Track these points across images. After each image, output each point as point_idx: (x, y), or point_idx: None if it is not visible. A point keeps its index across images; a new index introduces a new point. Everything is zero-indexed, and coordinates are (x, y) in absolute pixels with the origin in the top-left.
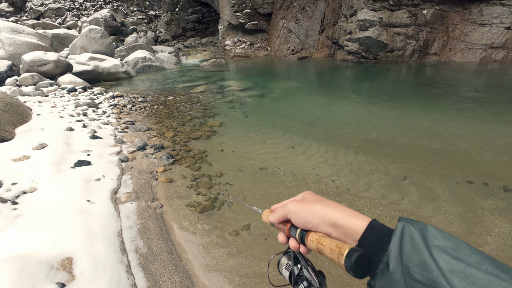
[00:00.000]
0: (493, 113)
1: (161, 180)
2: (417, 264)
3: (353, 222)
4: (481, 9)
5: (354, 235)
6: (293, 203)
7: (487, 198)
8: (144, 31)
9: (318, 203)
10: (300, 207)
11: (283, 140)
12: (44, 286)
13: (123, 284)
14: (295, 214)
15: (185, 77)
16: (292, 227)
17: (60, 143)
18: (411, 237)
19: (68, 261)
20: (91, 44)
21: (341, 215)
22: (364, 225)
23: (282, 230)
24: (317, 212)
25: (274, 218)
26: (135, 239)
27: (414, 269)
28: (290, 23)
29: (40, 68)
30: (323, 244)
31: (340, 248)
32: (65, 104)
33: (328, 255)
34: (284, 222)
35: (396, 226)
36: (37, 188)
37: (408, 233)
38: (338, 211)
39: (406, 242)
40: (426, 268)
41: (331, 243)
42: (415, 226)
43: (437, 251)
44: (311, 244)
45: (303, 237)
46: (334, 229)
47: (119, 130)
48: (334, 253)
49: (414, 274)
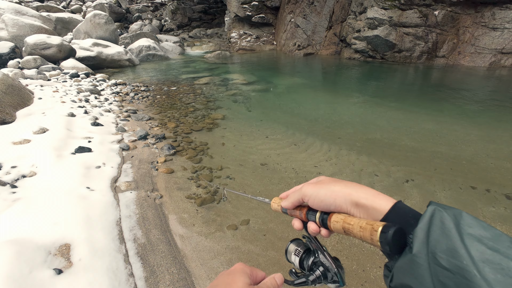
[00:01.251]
0: (500, 120)
1: (162, 170)
2: (445, 250)
3: (377, 202)
4: (494, 13)
5: (377, 215)
6: (309, 186)
7: (490, 205)
8: (149, 19)
9: (337, 184)
10: (318, 190)
11: (285, 136)
12: (42, 271)
13: (121, 273)
14: (314, 197)
15: (189, 68)
16: (310, 211)
17: (61, 129)
18: (442, 222)
19: (66, 247)
20: (95, 29)
21: (364, 195)
22: (388, 205)
23: (298, 216)
24: (338, 193)
25: (288, 203)
26: (133, 229)
27: (441, 254)
28: (297, 18)
29: (43, 51)
30: (351, 223)
31: (373, 225)
32: (67, 89)
33: (357, 233)
34: (299, 207)
35: (426, 210)
36: (37, 173)
37: (438, 218)
38: (360, 190)
39: (435, 226)
40: (455, 255)
41: (360, 222)
42: (448, 212)
43: (470, 240)
44: (335, 225)
45: (325, 219)
46: (357, 209)
47: (121, 118)
48: (365, 230)
49: (440, 260)
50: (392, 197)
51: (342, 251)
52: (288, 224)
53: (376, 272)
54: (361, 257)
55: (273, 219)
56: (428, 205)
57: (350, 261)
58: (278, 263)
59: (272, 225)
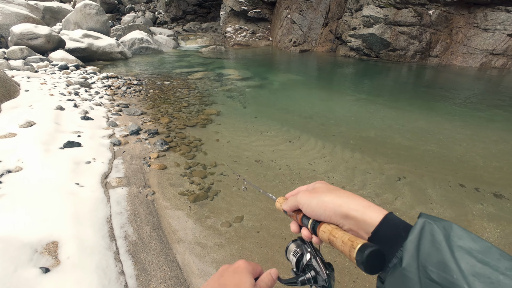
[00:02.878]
0: (489, 120)
1: (154, 166)
2: (435, 263)
3: (367, 214)
4: (486, 14)
5: (367, 227)
6: (303, 195)
7: (478, 202)
8: (142, 11)
9: (329, 194)
10: (311, 199)
11: (280, 133)
12: (27, 270)
13: (111, 271)
14: (306, 206)
15: (183, 62)
16: (304, 217)
17: (49, 122)
18: (432, 235)
19: (54, 245)
20: (86, 20)
21: (354, 207)
22: (379, 217)
23: (295, 218)
24: (328, 204)
25: (286, 207)
26: (124, 226)
27: (432, 268)
28: (294, 14)
29: (30, 41)
30: (335, 236)
31: (353, 242)
32: (56, 81)
33: (339, 247)
34: (297, 211)
35: (416, 222)
36: (23, 168)
37: (428, 231)
38: (351, 202)
39: (425, 239)
40: (446, 269)
41: (343, 236)
42: (438, 224)
43: (460, 252)
44: (323, 235)
45: (315, 227)
46: (347, 221)
47: (112, 113)
48: (346, 246)
49: (430, 273)
50: (384, 208)
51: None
52: (282, 221)
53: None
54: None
55: (266, 216)
56: (418, 217)
57: (343, 257)
58: (272, 259)
59: (266, 222)
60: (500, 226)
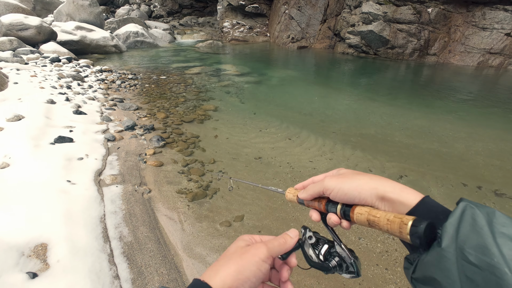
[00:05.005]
0: (487, 118)
1: (150, 163)
2: (474, 246)
3: (403, 195)
4: (484, 13)
5: (403, 209)
6: (332, 179)
7: (480, 201)
8: (138, 4)
9: (361, 177)
10: (342, 183)
11: (279, 130)
12: (13, 275)
13: (104, 275)
14: (337, 190)
15: (179, 57)
16: (329, 202)
17: (39, 116)
18: (473, 219)
19: (42, 247)
20: (79, 12)
21: (390, 189)
22: (415, 199)
23: (316, 207)
24: (363, 186)
25: (306, 195)
26: (119, 226)
27: (470, 250)
28: (292, 10)
29: (20, 32)
30: (376, 215)
31: (402, 218)
32: (47, 74)
33: (383, 226)
34: (318, 199)
35: (457, 206)
36: (10, 164)
37: (470, 215)
38: (385, 184)
39: (465, 223)
40: (486, 252)
41: (387, 214)
42: (481, 210)
43: (503, 239)
44: (359, 217)
45: (347, 211)
46: (382, 203)
47: (106, 107)
48: (393, 223)
49: (468, 255)
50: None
51: None
52: (283, 221)
53: (374, 270)
54: (358, 255)
55: (268, 215)
56: (458, 202)
57: None
58: None
59: (267, 222)
60: None
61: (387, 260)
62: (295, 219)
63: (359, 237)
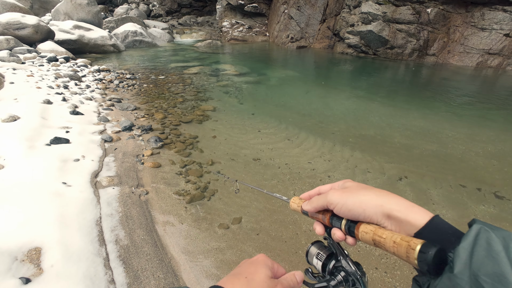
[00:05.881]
0: (486, 119)
1: (148, 164)
2: (490, 274)
3: (411, 215)
4: (483, 13)
5: (410, 229)
6: (336, 193)
7: (480, 203)
8: (136, 3)
9: (367, 193)
10: (346, 198)
11: (278, 130)
12: (5, 281)
13: (99, 279)
14: (341, 205)
15: (178, 57)
16: (334, 217)
17: (35, 117)
18: (488, 243)
19: (36, 251)
20: (77, 11)
21: (397, 207)
22: (424, 220)
23: (320, 219)
24: (368, 203)
25: (310, 207)
26: (115, 229)
27: (485, 278)
28: (291, 9)
29: (16, 32)
30: (382, 236)
31: (409, 242)
32: (44, 74)
33: (389, 248)
34: (323, 212)
35: (470, 228)
36: (4, 166)
37: (484, 239)
38: (392, 201)
39: (480, 247)
40: (503, 281)
41: (393, 236)
42: (497, 233)
43: None
44: (364, 236)
45: (352, 228)
46: (388, 221)
47: (103, 107)
48: (400, 246)
49: (483, 283)
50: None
51: None
52: (282, 223)
53: (372, 273)
54: (356, 258)
55: (266, 218)
56: (472, 223)
57: None
58: None
59: (265, 224)
60: (502, 227)
61: (386, 264)
62: (293, 221)
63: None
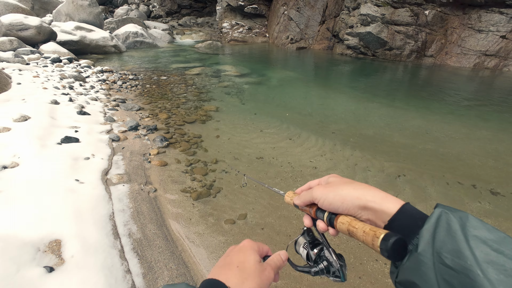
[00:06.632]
0: (483, 119)
1: (155, 163)
2: (450, 250)
3: (384, 204)
4: (480, 15)
5: (384, 217)
6: (319, 189)
7: (476, 200)
8: (136, 4)
9: (345, 187)
10: (327, 193)
11: (280, 130)
12: (30, 269)
13: (116, 270)
14: (323, 199)
15: (179, 57)
16: (319, 210)
17: (44, 116)
18: (448, 224)
19: (57, 243)
20: (78, 12)
21: (372, 198)
22: (395, 208)
23: (308, 212)
24: (346, 196)
25: (299, 201)
26: (128, 223)
27: (446, 254)
28: (291, 11)
29: (19, 33)
30: (355, 227)
31: (375, 231)
32: (49, 74)
33: (360, 237)
34: (310, 205)
35: (433, 212)
36: (19, 164)
37: (444, 220)
38: (368, 194)
39: (441, 228)
40: (460, 255)
41: (364, 226)
42: (454, 214)
43: (475, 241)
44: (341, 226)
45: (332, 219)
46: (364, 212)
47: (109, 108)
48: (368, 235)
49: (444, 259)
50: (400, 199)
51: (340, 245)
52: (286, 218)
53: (373, 265)
54: (358, 250)
55: (270, 214)
56: (435, 207)
57: (348, 254)
58: None
59: (270, 219)
60: (497, 222)
61: None
62: (297, 217)
63: None
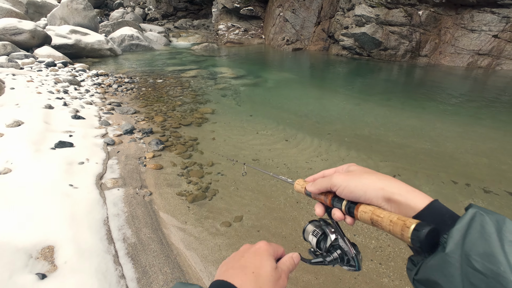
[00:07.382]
0: (476, 118)
1: (150, 166)
2: (481, 254)
3: (410, 198)
4: (473, 15)
5: (409, 212)
6: (339, 176)
7: (469, 198)
8: (132, 7)
9: (369, 176)
10: (349, 181)
11: (276, 131)
12: (23, 276)
13: (111, 274)
14: (343, 187)
15: (175, 60)
16: (336, 198)
17: (38, 121)
18: (482, 226)
19: (49, 249)
20: (73, 15)
21: (397, 190)
22: (423, 203)
23: (322, 200)
24: (369, 185)
25: (314, 189)
26: (122, 228)
27: (476, 257)
28: (286, 12)
29: (13, 37)
30: (380, 215)
31: (405, 221)
32: (43, 79)
33: (386, 226)
34: (325, 193)
35: (466, 212)
36: (12, 170)
37: (479, 222)
38: (393, 185)
39: (473, 230)
40: (492, 260)
41: (390, 215)
42: (490, 217)
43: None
44: (363, 215)
45: (351, 208)
46: (388, 204)
47: (104, 111)
48: (396, 225)
49: (474, 262)
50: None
51: None
52: (281, 220)
53: (368, 265)
54: None
55: (266, 215)
56: (468, 207)
57: None
58: None
59: (266, 221)
60: None
61: (381, 256)
62: (293, 218)
63: (354, 234)
